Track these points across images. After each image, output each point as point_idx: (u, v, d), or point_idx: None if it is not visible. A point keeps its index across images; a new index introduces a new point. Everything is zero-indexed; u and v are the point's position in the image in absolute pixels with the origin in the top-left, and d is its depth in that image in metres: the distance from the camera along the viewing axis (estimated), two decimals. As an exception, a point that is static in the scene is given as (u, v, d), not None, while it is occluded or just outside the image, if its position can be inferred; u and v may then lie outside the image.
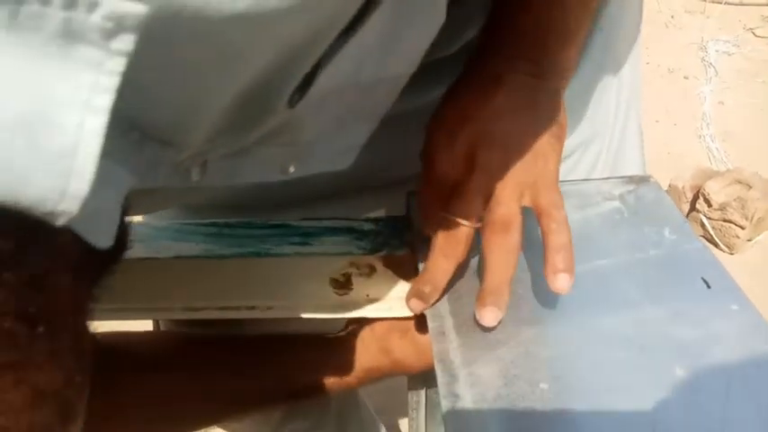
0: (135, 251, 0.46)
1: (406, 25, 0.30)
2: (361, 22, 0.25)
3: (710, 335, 0.36)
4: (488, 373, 0.33)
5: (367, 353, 0.43)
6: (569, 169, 0.51)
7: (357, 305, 0.43)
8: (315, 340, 0.44)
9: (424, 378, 0.47)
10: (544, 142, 0.38)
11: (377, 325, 0.43)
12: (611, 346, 0.35)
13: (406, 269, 0.44)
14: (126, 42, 0.15)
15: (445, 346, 0.35)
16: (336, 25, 0.24)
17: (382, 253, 0.46)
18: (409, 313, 0.42)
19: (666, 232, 0.43)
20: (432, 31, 0.32)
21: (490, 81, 0.38)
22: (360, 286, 0.44)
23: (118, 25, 0.14)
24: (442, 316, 0.37)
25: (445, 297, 0.39)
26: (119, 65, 0.15)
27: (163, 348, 0.48)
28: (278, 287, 0.44)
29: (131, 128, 0.22)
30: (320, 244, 0.47)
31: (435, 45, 0.35)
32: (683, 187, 1.45)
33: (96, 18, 0.14)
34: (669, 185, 1.48)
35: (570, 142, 0.50)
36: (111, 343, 0.46)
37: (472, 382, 0.33)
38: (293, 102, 0.27)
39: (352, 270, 0.45)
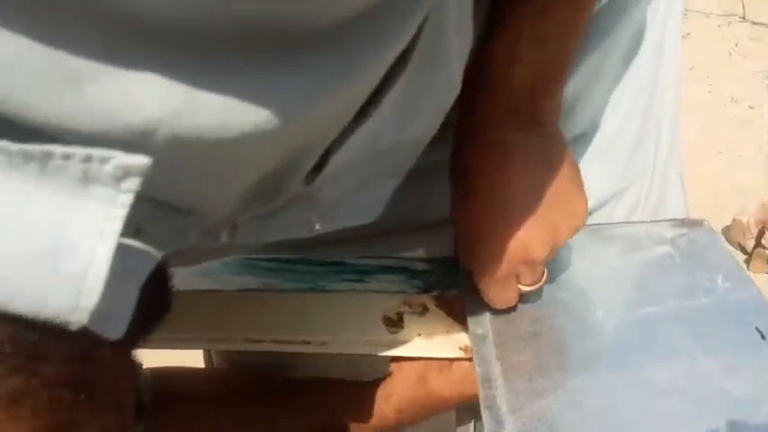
0: (200, 283, 0.49)
1: (422, 99, 0.31)
2: (367, 115, 0.27)
3: (765, 389, 0.35)
4: (535, 421, 0.34)
5: (405, 384, 0.44)
6: (603, 219, 0.51)
7: (408, 344, 0.44)
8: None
9: (471, 410, 0.47)
10: (562, 188, 0.38)
11: (418, 361, 0.44)
12: (661, 397, 0.35)
13: (458, 309, 0.45)
14: (133, 183, 0.18)
15: (492, 392, 0.36)
16: (340, 123, 0.26)
17: (435, 292, 0.47)
18: (460, 354, 0.43)
19: (720, 279, 0.43)
20: (448, 99, 0.33)
21: (498, 153, 0.38)
22: (411, 325, 0.45)
23: (126, 172, 0.18)
24: (488, 361, 0.38)
25: (492, 342, 0.40)
26: (127, 199, 0.18)
27: (215, 384, 0.51)
28: (332, 323, 0.46)
29: (158, 206, 0.25)
30: (375, 281, 0.49)
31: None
32: (748, 222, 1.40)
33: (108, 168, 0.17)
34: (733, 220, 1.43)
35: (603, 192, 0.50)
36: (165, 375, 0.48)
37: (518, 429, 0.33)
38: (309, 181, 0.29)
39: (405, 309, 0.46)
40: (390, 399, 0.45)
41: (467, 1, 0.31)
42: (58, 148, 0.17)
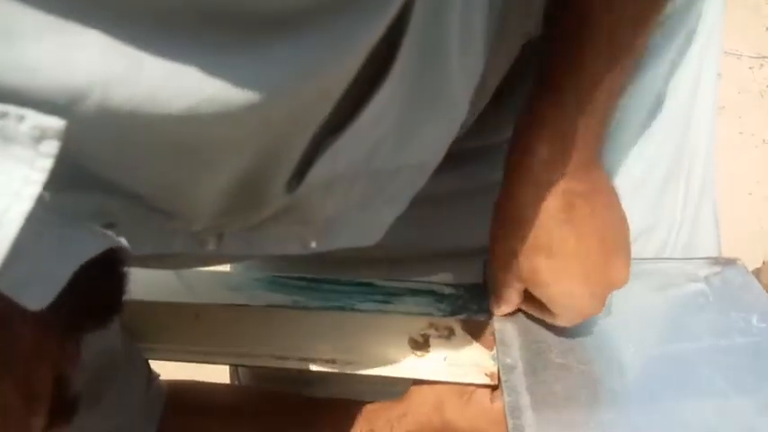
0: (230, 298, 0.49)
1: (422, 118, 0.31)
2: (348, 123, 0.27)
3: (800, 433, 0.35)
4: (564, 452, 0.33)
5: (422, 406, 0.44)
6: (634, 255, 0.51)
7: (434, 367, 0.44)
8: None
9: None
10: (613, 227, 0.39)
11: (438, 385, 0.44)
12: (692, 435, 0.35)
13: (485, 334, 0.45)
14: (51, 146, 0.17)
15: (521, 422, 0.35)
16: (307, 122, 0.26)
17: (461, 316, 0.47)
18: (486, 381, 0.43)
19: (754, 319, 0.42)
20: (452, 124, 0.33)
21: (559, 204, 0.38)
22: (437, 348, 0.45)
23: (42, 133, 0.17)
24: (518, 392, 0.38)
25: (521, 372, 0.40)
26: (47, 163, 0.18)
27: (235, 399, 0.51)
28: (358, 343, 0.46)
29: (133, 202, 0.25)
30: (402, 303, 0.49)
31: (482, 132, 0.35)
32: (778, 264, 1.38)
33: (25, 128, 0.17)
34: (763, 263, 1.40)
35: (633, 229, 0.50)
36: (188, 389, 0.49)
37: (547, 459, 0.33)
38: (291, 188, 0.28)
39: (431, 331, 0.46)
40: (403, 419, 0.44)
41: (476, 26, 0.31)
42: None
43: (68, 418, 0.26)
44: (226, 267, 0.58)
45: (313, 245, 0.33)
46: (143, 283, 0.47)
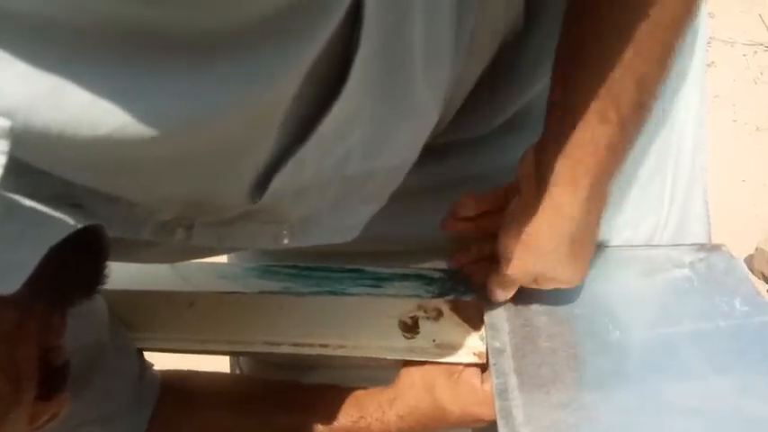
0: (224, 286, 0.50)
1: (391, 126, 0.31)
2: (303, 139, 0.27)
3: (780, 413, 0.35)
4: (549, 432, 0.34)
5: (411, 389, 0.45)
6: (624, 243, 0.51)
7: (423, 349, 0.45)
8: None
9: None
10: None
11: (428, 366, 0.45)
12: (674, 415, 0.36)
13: (473, 314, 0.46)
14: (2, 145, 0.19)
15: (508, 403, 0.36)
16: (253, 145, 0.26)
17: (449, 297, 0.48)
18: (474, 360, 0.44)
19: (737, 303, 0.43)
20: (423, 129, 0.33)
21: (563, 221, 0.38)
22: (427, 330, 0.46)
23: None
24: (506, 373, 0.39)
25: (510, 355, 0.40)
26: (0, 160, 0.18)
27: (228, 387, 0.52)
28: (349, 327, 0.47)
29: (95, 191, 0.26)
30: (391, 287, 0.49)
31: (464, 126, 0.36)
32: (770, 251, 1.38)
33: None
34: (756, 249, 1.42)
35: (622, 219, 0.50)
36: (181, 378, 0.50)
37: (532, 440, 0.34)
38: (254, 199, 0.29)
39: (420, 313, 0.47)
40: (394, 402, 0.45)
41: (442, 38, 0.31)
42: None
43: (61, 386, 0.27)
44: (221, 259, 0.59)
45: (285, 241, 0.34)
46: (137, 273, 0.47)
